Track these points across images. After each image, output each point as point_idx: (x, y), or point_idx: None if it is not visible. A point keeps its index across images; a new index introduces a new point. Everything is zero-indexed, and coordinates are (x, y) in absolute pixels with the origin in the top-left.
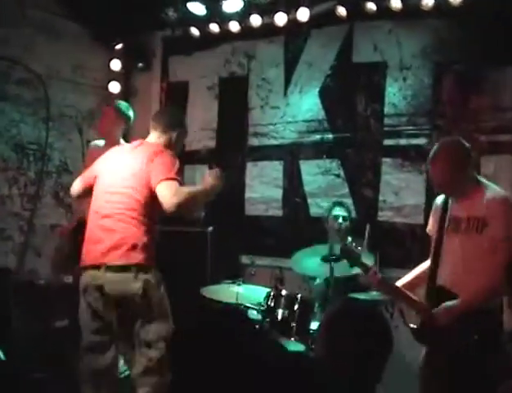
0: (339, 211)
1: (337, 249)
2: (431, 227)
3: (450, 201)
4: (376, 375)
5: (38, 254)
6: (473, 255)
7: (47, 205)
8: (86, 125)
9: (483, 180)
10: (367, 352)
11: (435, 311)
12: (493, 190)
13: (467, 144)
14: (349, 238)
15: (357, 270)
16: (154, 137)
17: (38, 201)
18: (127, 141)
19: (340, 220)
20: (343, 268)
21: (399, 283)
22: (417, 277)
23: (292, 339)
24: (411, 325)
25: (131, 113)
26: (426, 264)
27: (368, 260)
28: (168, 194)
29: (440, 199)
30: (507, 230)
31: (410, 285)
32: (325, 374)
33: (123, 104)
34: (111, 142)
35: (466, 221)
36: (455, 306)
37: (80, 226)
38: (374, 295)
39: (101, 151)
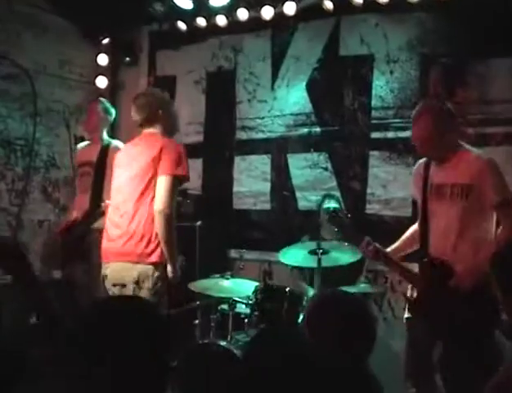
0: (329, 204)
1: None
2: (415, 192)
3: (431, 168)
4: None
5: (27, 249)
6: (461, 221)
7: (35, 200)
8: (73, 120)
9: (468, 147)
10: (350, 340)
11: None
12: (479, 154)
13: (452, 108)
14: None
15: (345, 261)
16: (148, 127)
17: (26, 196)
18: (112, 136)
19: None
20: (330, 261)
21: (389, 249)
22: (405, 242)
23: None
24: (408, 295)
25: (113, 110)
26: (414, 228)
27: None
28: (160, 195)
29: (421, 165)
30: (499, 193)
31: (399, 249)
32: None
33: (106, 101)
34: (96, 139)
35: (450, 188)
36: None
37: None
38: (362, 287)
39: (86, 149)
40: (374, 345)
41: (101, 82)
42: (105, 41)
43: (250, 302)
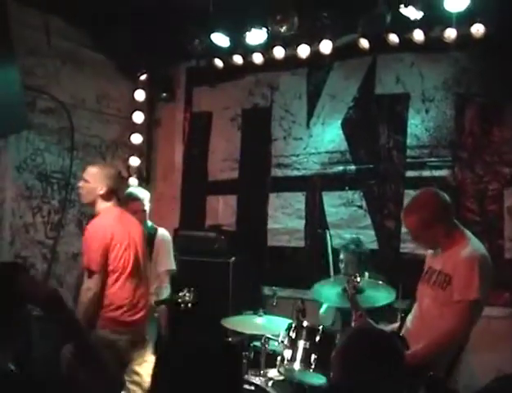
0: (349, 251)
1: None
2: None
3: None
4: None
5: (61, 282)
6: (433, 310)
7: (70, 233)
8: (110, 155)
9: (467, 234)
10: (381, 377)
11: None
12: (471, 247)
13: (445, 197)
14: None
15: (379, 302)
16: None
17: (62, 229)
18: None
19: (345, 260)
20: (365, 300)
21: (392, 326)
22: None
23: (312, 371)
24: None
25: (144, 193)
26: None
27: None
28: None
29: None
30: (461, 293)
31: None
32: None
33: (137, 191)
34: None
35: (437, 275)
36: None
37: None
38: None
39: None
40: (403, 378)
41: (138, 117)
42: (143, 77)
43: (283, 340)
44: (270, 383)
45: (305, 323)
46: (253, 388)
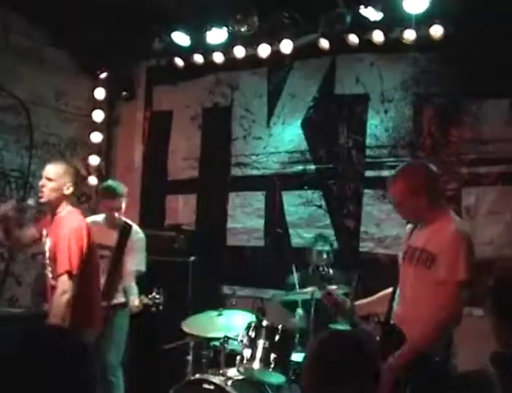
0: (322, 246)
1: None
2: (400, 254)
3: (417, 228)
4: None
5: (19, 282)
6: (419, 290)
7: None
8: (69, 153)
9: (451, 213)
10: (356, 381)
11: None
12: (456, 226)
13: (434, 169)
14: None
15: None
16: None
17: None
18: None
19: (324, 256)
20: None
21: (361, 301)
22: (376, 300)
23: (271, 370)
24: None
25: (123, 189)
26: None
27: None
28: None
29: (410, 225)
30: (453, 272)
31: (370, 305)
32: None
33: (117, 188)
34: (112, 222)
35: (420, 252)
36: (392, 364)
37: None
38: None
39: (104, 231)
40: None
41: (98, 115)
42: (103, 75)
43: (242, 339)
44: (229, 382)
45: (264, 323)
46: (212, 387)
